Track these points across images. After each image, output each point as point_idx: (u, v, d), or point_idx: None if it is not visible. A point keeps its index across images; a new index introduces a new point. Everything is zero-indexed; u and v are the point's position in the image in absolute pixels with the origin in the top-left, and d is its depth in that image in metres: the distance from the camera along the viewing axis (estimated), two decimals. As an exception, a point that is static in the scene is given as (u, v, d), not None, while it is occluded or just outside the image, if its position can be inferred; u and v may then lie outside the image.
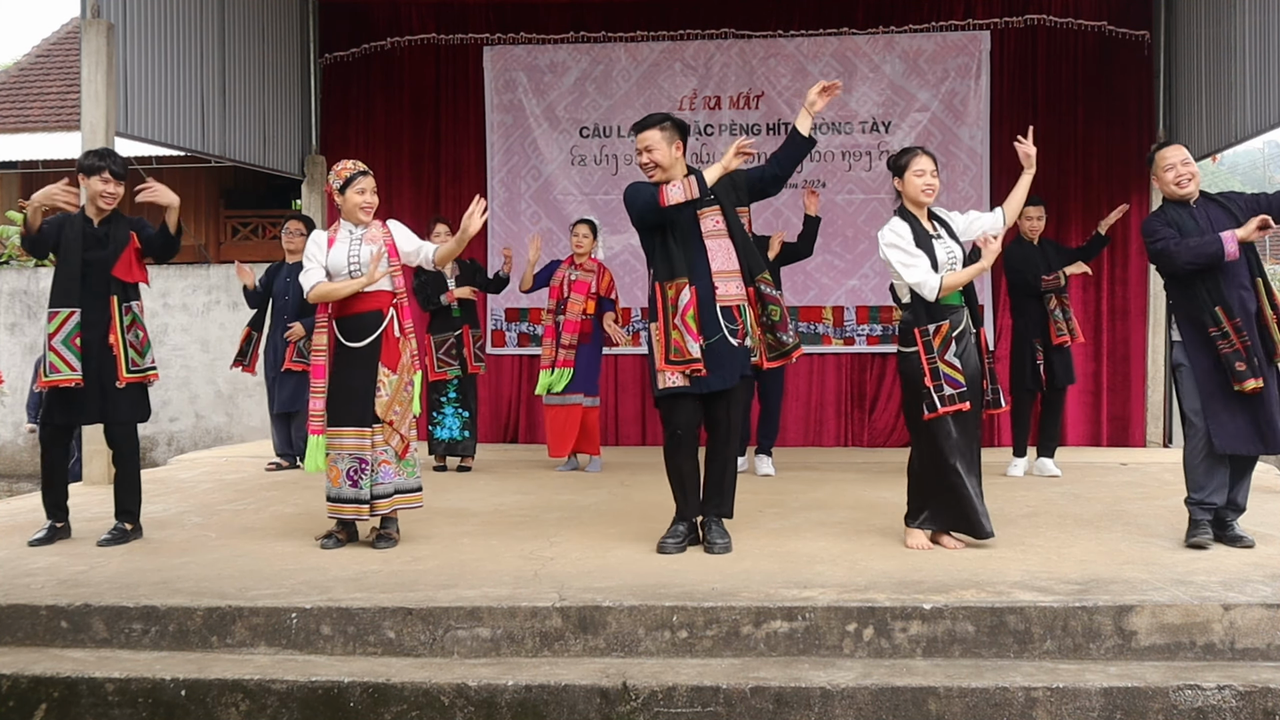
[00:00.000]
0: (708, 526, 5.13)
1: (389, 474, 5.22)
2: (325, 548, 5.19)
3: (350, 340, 5.19)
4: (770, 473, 7.67)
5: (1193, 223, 5.06)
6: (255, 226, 15.10)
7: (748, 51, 9.69)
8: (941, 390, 4.97)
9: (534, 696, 3.85)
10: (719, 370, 4.98)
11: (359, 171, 5.27)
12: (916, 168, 5.10)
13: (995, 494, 6.67)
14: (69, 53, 17.35)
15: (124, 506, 5.45)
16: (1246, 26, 7.79)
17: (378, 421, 5.17)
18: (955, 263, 5.10)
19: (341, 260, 5.20)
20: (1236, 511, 5.17)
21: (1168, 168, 5.17)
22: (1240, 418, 4.97)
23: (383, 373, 5.19)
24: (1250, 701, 3.77)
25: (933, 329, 5.01)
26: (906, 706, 3.79)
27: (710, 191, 5.01)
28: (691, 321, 4.90)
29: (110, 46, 7.33)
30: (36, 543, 5.34)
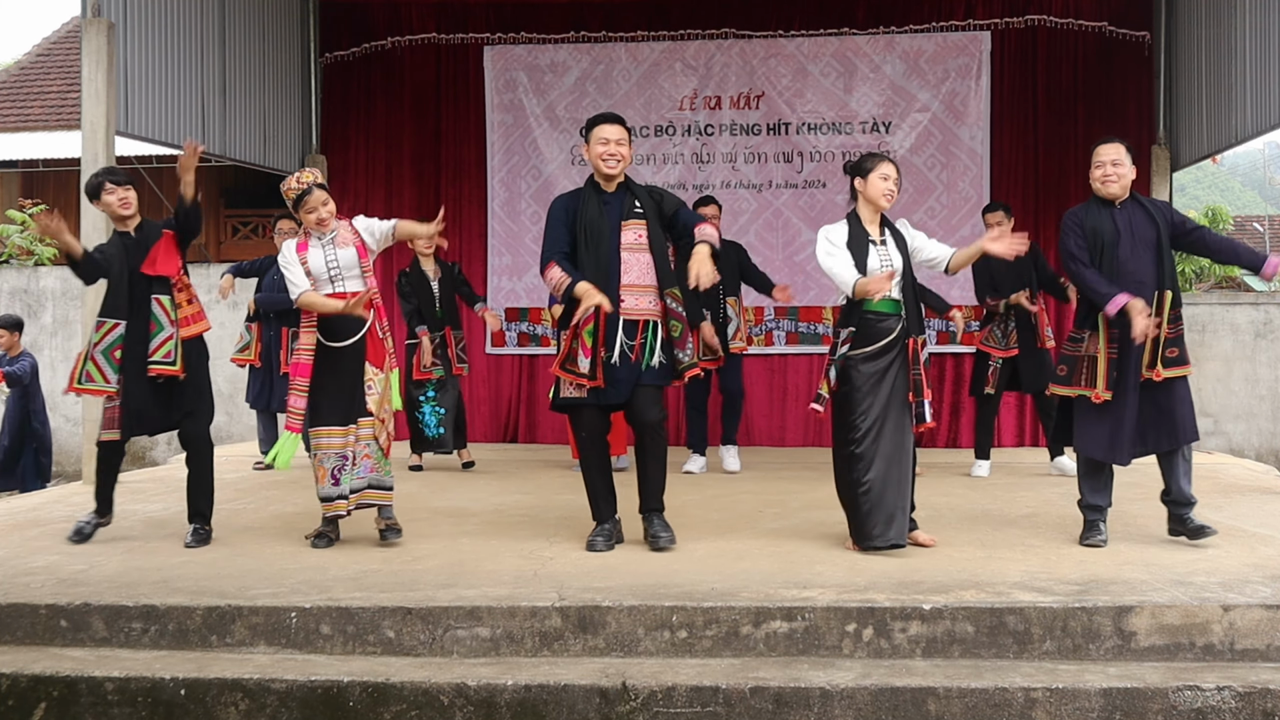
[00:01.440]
0: (649, 521, 5.16)
1: (366, 468, 5.26)
2: (317, 547, 5.20)
3: (333, 340, 5.21)
4: (736, 466, 7.71)
5: (1112, 226, 5.09)
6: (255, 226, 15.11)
7: (748, 51, 9.69)
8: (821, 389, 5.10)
9: (533, 696, 3.85)
10: (616, 383, 5.01)
11: (303, 190, 5.23)
12: (883, 171, 5.08)
13: (995, 494, 6.68)
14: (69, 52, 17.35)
15: (196, 509, 5.45)
16: (1246, 27, 7.79)
17: (362, 417, 5.20)
18: None
19: (320, 265, 5.21)
20: (1185, 504, 5.16)
21: (1098, 164, 5.17)
22: (1101, 424, 5.06)
23: (370, 371, 5.22)
24: (1250, 702, 3.76)
25: (843, 333, 5.06)
26: (906, 707, 3.79)
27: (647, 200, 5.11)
28: (588, 336, 4.94)
29: (111, 45, 7.33)
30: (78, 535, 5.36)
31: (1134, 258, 5.04)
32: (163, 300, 5.34)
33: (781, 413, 9.65)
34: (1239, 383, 10.59)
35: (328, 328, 5.22)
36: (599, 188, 5.14)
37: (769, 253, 9.50)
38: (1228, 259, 5.31)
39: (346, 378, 5.20)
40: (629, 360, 5.02)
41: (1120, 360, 4.99)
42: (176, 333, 5.35)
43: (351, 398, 5.20)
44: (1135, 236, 5.06)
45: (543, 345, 9.82)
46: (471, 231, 9.95)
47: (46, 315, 12.00)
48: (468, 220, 9.94)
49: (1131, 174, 5.16)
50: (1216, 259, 5.46)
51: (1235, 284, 17.29)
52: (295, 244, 5.31)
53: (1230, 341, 10.61)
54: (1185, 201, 26.97)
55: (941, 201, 9.51)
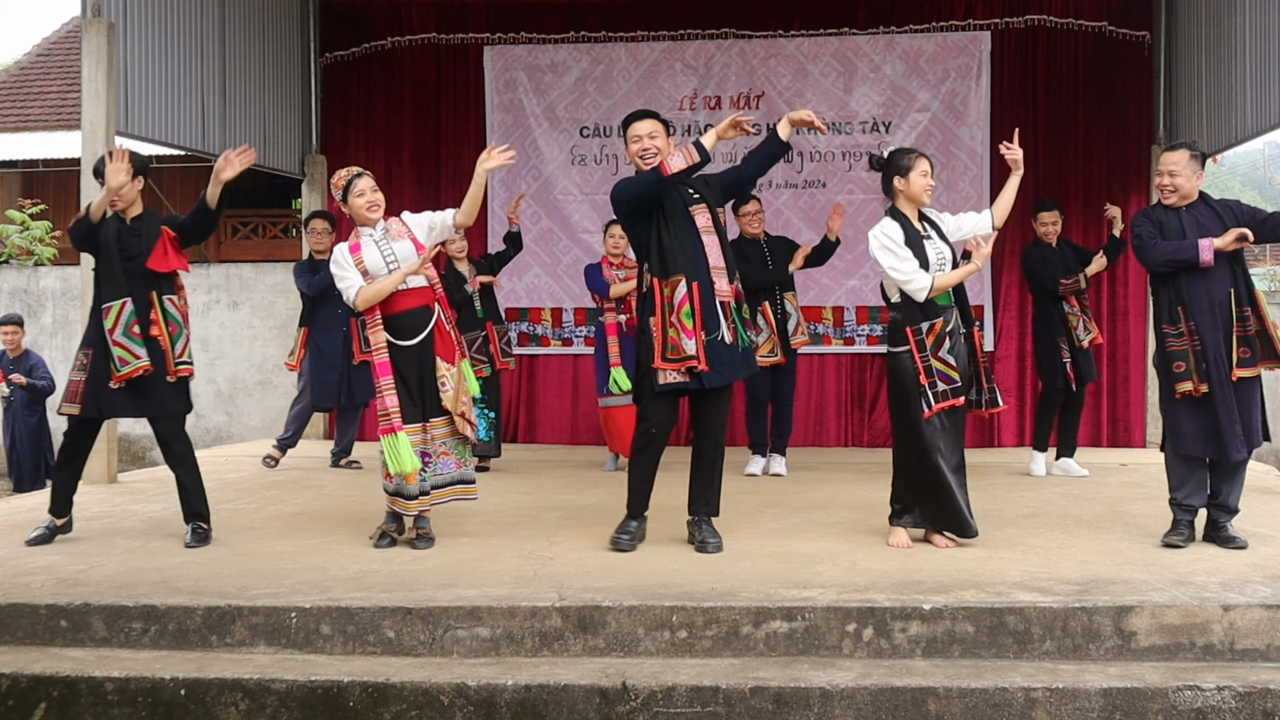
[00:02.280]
0: (698, 526, 5.14)
1: (449, 465, 5.25)
2: (380, 547, 5.18)
3: (401, 339, 5.17)
4: (782, 472, 7.68)
5: (1178, 224, 5.10)
6: (255, 226, 15.10)
7: (748, 51, 9.69)
8: (935, 387, 5.00)
9: (533, 696, 3.85)
10: (719, 367, 4.97)
11: (354, 175, 5.28)
12: (922, 168, 5.15)
13: (995, 494, 6.67)
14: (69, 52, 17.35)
15: (192, 509, 5.43)
16: (1246, 27, 7.79)
17: (437, 415, 5.18)
18: (945, 264, 5.12)
19: (379, 261, 5.17)
20: (1228, 513, 5.17)
21: (1159, 173, 5.25)
22: (1196, 420, 5.03)
23: (442, 367, 5.18)
24: (1250, 702, 3.77)
25: (925, 327, 5.03)
26: (906, 707, 3.79)
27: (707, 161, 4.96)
28: (687, 319, 4.90)
29: (110, 45, 7.33)
30: (35, 541, 5.33)
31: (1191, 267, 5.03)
32: (174, 300, 5.36)
33: (783, 413, 9.63)
34: (1239, 383, 10.57)
35: (394, 326, 5.17)
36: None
37: (769, 253, 9.49)
38: None
39: (417, 375, 5.17)
40: (728, 343, 4.99)
41: (1204, 352, 4.98)
42: (188, 331, 5.40)
43: (424, 395, 5.17)
44: (1203, 233, 5.06)
45: (543, 345, 9.83)
46: (471, 231, 9.86)
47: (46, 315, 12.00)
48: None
49: (1195, 181, 5.16)
50: None
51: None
52: (347, 247, 5.24)
53: (1230, 341, 10.60)
54: (1185, 201, 26.97)
55: (941, 201, 9.48)
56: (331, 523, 5.84)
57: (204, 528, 5.40)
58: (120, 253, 5.28)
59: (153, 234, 5.35)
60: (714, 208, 5.12)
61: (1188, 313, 5.02)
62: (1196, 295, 5.02)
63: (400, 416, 5.11)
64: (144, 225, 5.38)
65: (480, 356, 7.70)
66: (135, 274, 5.28)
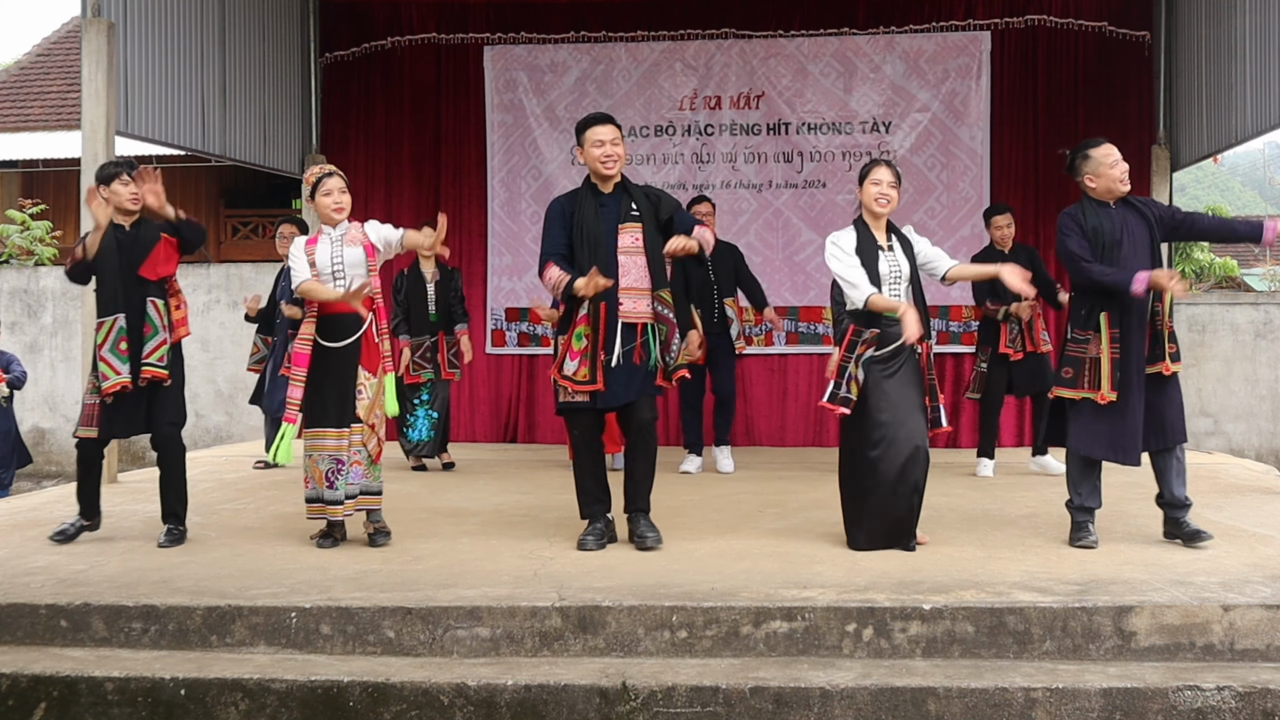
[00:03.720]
0: (634, 523, 5.17)
1: (358, 474, 5.22)
2: (322, 547, 5.19)
3: (329, 340, 5.19)
4: (730, 467, 7.71)
5: (1110, 226, 5.06)
6: (255, 226, 15.12)
7: (748, 51, 9.69)
8: (839, 391, 5.04)
9: (533, 696, 3.85)
10: (616, 386, 5.02)
11: (324, 174, 5.29)
12: (874, 177, 5.11)
13: (995, 494, 6.68)
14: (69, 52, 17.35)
15: (169, 509, 5.44)
16: (1246, 27, 7.79)
17: (355, 422, 5.17)
18: (899, 279, 5.09)
19: (326, 260, 5.20)
20: (1180, 508, 5.16)
21: (1114, 163, 5.13)
22: (1099, 424, 5.03)
23: (363, 375, 5.19)
24: (1250, 702, 3.77)
25: (866, 334, 5.03)
26: (906, 707, 3.79)
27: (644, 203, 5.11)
28: (577, 341, 4.97)
29: (110, 45, 7.33)
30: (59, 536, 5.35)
31: (1135, 256, 5.03)
32: (158, 303, 5.34)
33: (781, 413, 9.64)
34: (1239, 383, 10.59)
35: (324, 327, 5.20)
36: (596, 189, 5.15)
37: (769, 253, 9.50)
38: (1225, 237, 5.32)
39: (340, 380, 5.18)
40: (630, 363, 5.03)
41: (1123, 359, 4.98)
42: (169, 337, 5.35)
43: (345, 400, 5.17)
44: (1133, 236, 5.06)
45: (543, 345, 9.82)
46: (471, 231, 9.95)
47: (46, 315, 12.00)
48: (468, 220, 9.94)
49: None
50: (1215, 239, 5.43)
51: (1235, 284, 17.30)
52: (305, 240, 5.33)
53: (1230, 341, 10.61)
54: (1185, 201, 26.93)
55: (941, 202, 9.51)
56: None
57: (179, 529, 5.41)
58: (119, 261, 5.29)
59: (151, 239, 5.35)
60: (650, 226, 5.12)
61: (1113, 319, 4.98)
62: (1126, 300, 4.97)
63: (298, 409, 5.16)
64: (141, 231, 5.37)
65: (423, 362, 7.70)
66: (132, 282, 5.29)
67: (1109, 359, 4.99)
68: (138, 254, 5.31)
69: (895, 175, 5.14)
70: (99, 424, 5.31)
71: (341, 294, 5.11)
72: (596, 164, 5.08)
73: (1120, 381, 4.97)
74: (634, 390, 5.06)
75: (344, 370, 5.18)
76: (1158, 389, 5.04)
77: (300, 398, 5.18)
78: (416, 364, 7.72)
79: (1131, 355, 4.98)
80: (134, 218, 5.37)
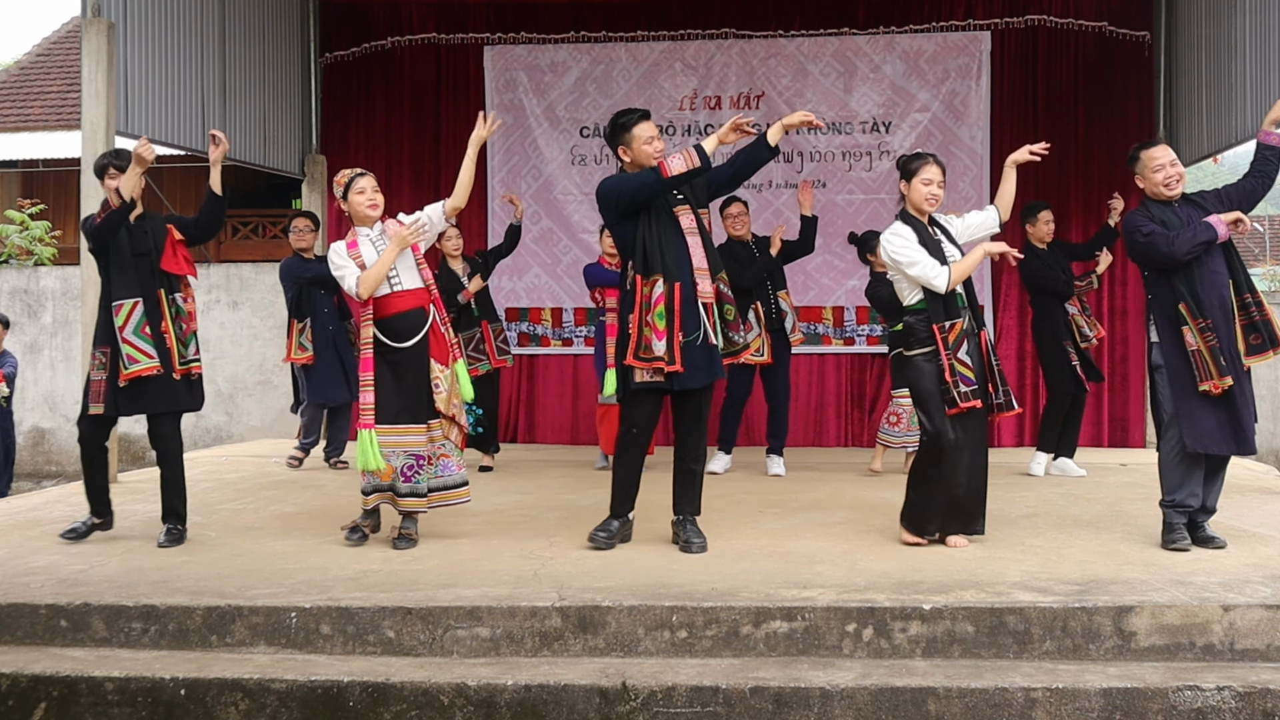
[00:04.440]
0: (682, 526, 5.15)
1: (450, 467, 5.25)
2: (351, 541, 5.19)
3: (397, 341, 5.15)
4: (781, 473, 7.68)
5: (1177, 220, 5.07)
6: (255, 225, 15.11)
7: (748, 51, 9.69)
8: (958, 387, 4.98)
9: (533, 696, 3.85)
10: (695, 368, 4.99)
11: (356, 174, 5.31)
12: (925, 175, 5.13)
13: (995, 494, 6.63)
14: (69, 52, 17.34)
15: (171, 508, 5.45)
16: (1246, 26, 7.79)
17: (433, 417, 5.17)
18: None
19: (372, 259, 5.18)
20: (1207, 514, 5.16)
21: (1158, 168, 5.16)
22: (1212, 417, 4.97)
23: (436, 369, 5.18)
24: (1250, 702, 3.77)
25: (948, 325, 5.02)
26: (906, 707, 3.79)
27: (709, 169, 4.98)
28: (659, 320, 4.92)
29: (111, 45, 7.33)
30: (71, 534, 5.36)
31: (1208, 252, 5.00)
32: (179, 297, 5.38)
33: (782, 413, 9.62)
34: (1239, 383, 10.58)
35: (390, 329, 5.16)
36: None
37: (769, 253, 9.49)
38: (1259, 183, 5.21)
39: (414, 377, 5.15)
40: (706, 344, 5.01)
41: (1220, 347, 4.91)
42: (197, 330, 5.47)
43: (422, 396, 5.16)
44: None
45: (543, 345, 9.83)
46: (471, 231, 9.92)
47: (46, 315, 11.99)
48: (467, 220, 9.90)
49: None
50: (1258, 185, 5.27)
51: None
52: (344, 244, 5.26)
53: (1230, 341, 10.60)
54: (1185, 201, 26.99)
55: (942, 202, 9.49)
56: (331, 523, 5.83)
57: (179, 529, 5.42)
58: (132, 249, 5.31)
59: (159, 233, 5.38)
60: (696, 209, 5.12)
61: (1203, 309, 4.94)
62: (1207, 290, 4.96)
63: (376, 415, 5.12)
64: (148, 224, 5.41)
65: (476, 355, 7.71)
66: (145, 272, 5.31)
67: (1207, 347, 4.91)
68: (150, 245, 5.33)
69: (944, 172, 5.19)
70: (106, 400, 5.28)
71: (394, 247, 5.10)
72: (649, 160, 5.05)
73: (1225, 369, 4.89)
74: (711, 373, 5.04)
75: (417, 367, 5.16)
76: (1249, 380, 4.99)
77: (373, 402, 5.13)
78: (471, 358, 7.71)
79: (1224, 343, 4.92)
80: (137, 211, 5.37)
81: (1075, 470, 7.50)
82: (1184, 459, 5.06)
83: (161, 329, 5.29)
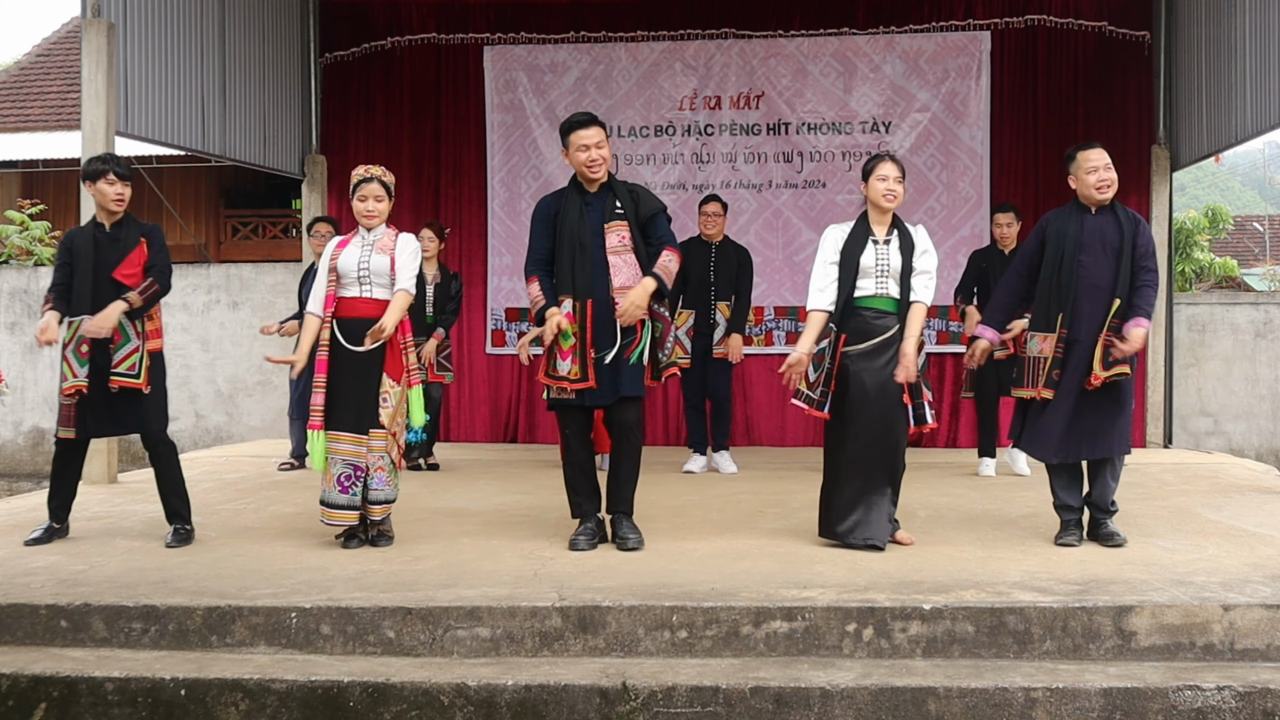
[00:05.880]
0: (616, 524, 5.17)
1: (382, 481, 5.17)
2: (348, 547, 5.16)
3: (351, 343, 5.11)
4: (733, 470, 7.71)
5: (1078, 230, 5.08)
6: (255, 226, 15.10)
7: (748, 51, 9.69)
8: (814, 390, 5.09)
9: (534, 696, 3.85)
10: (605, 384, 5.02)
11: (365, 178, 5.24)
12: (880, 173, 5.09)
13: (995, 494, 6.68)
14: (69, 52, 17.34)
15: (173, 509, 5.43)
16: (1246, 26, 7.79)
17: (374, 428, 5.11)
18: (885, 273, 5.06)
19: (351, 264, 5.15)
20: (1103, 511, 5.19)
21: (1091, 169, 5.12)
22: (1045, 422, 5.07)
23: (387, 382, 5.12)
24: (1250, 702, 3.77)
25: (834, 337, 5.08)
26: (906, 707, 3.79)
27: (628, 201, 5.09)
28: (565, 340, 4.97)
29: (110, 46, 7.33)
30: (33, 542, 5.33)
31: (1095, 263, 5.03)
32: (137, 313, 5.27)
33: (781, 413, 9.63)
34: (1239, 382, 10.58)
35: (347, 330, 5.11)
36: (581, 188, 5.14)
37: (769, 253, 9.51)
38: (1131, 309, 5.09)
39: (361, 384, 5.09)
40: (621, 361, 5.03)
41: (1064, 361, 5.01)
42: (143, 345, 5.26)
43: (366, 406, 5.09)
44: (1103, 243, 5.06)
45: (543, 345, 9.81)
46: (471, 231, 9.96)
47: (46, 315, 12.00)
48: (468, 220, 9.96)
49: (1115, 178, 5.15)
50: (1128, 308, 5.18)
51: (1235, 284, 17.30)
52: (336, 243, 5.28)
53: (1230, 341, 10.60)
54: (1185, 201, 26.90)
55: (941, 201, 9.52)
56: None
57: (186, 529, 5.41)
58: (94, 263, 5.23)
59: (130, 241, 5.29)
60: (635, 226, 5.10)
61: (1066, 320, 5.00)
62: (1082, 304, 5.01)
63: (322, 416, 5.09)
64: (124, 231, 5.32)
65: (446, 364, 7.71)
66: (103, 283, 5.22)
67: (1051, 358, 5.03)
68: (115, 255, 5.25)
69: (900, 170, 5.12)
70: (75, 424, 5.27)
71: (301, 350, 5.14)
72: (582, 168, 5.06)
73: (1056, 382, 5.00)
74: (623, 389, 5.05)
75: (366, 374, 5.09)
76: (1109, 397, 5.02)
77: (323, 403, 5.11)
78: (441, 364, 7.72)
79: (1074, 359, 4.99)
80: (116, 218, 5.32)
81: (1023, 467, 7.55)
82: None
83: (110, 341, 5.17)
